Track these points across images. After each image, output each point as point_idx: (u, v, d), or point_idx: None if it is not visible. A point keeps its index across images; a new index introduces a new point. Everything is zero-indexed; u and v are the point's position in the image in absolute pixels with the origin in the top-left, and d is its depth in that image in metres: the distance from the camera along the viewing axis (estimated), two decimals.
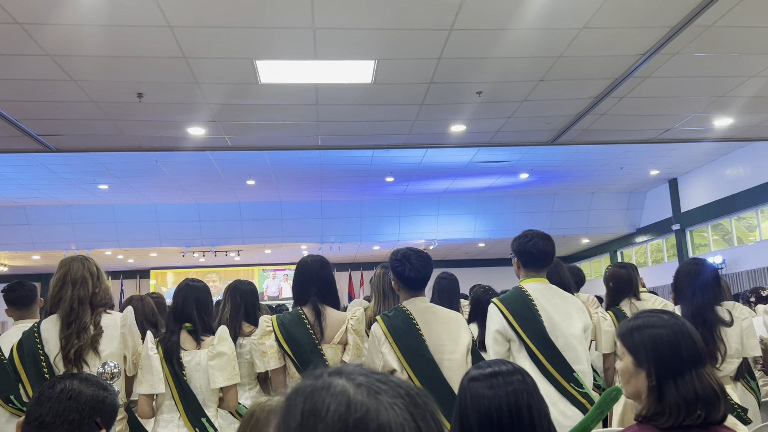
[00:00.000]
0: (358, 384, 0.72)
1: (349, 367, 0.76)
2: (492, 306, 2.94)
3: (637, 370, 1.59)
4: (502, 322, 2.86)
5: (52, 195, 12.38)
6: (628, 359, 1.62)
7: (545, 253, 2.97)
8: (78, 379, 1.57)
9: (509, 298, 2.94)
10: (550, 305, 2.89)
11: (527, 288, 2.95)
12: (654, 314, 1.65)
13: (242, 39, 5.07)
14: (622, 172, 12.73)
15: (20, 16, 4.54)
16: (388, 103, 6.74)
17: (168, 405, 2.79)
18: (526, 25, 5.02)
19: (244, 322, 3.60)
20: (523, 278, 3.03)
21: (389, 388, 0.72)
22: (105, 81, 5.80)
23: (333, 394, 0.70)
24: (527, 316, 2.84)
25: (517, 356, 2.84)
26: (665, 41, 5.34)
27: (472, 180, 12.86)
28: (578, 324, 2.92)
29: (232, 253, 16.49)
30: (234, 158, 10.27)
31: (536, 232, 3.00)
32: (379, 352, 2.68)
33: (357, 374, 0.74)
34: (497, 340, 2.86)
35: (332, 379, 0.73)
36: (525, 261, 3.00)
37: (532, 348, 2.79)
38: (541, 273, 3.02)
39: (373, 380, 0.73)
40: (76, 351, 2.68)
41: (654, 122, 7.79)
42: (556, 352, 2.81)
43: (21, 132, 7.03)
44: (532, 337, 2.81)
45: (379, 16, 4.80)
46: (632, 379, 1.60)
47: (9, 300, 3.55)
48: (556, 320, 2.86)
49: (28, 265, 16.82)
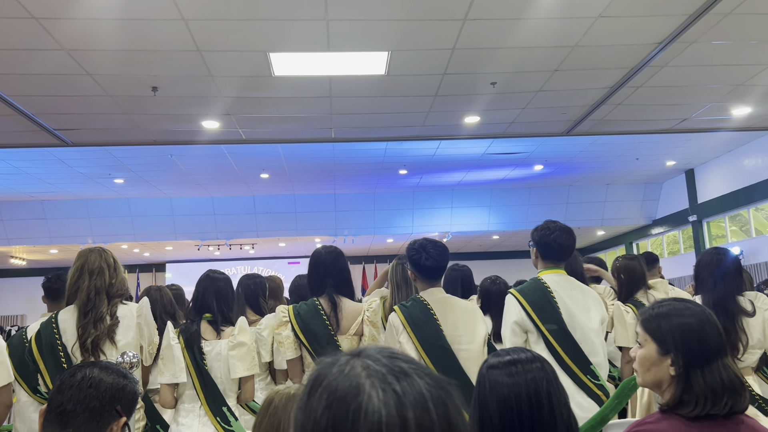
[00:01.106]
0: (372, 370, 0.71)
1: (368, 349, 0.76)
2: (510, 297, 2.93)
3: (661, 358, 1.56)
4: (521, 313, 2.85)
5: (68, 189, 12.49)
6: (652, 346, 1.58)
7: (566, 247, 2.95)
8: (98, 367, 1.58)
9: (528, 289, 2.92)
10: (569, 297, 2.88)
11: (546, 279, 2.93)
12: (679, 302, 1.63)
13: (256, 32, 5.08)
14: (638, 163, 12.61)
15: (37, 11, 4.57)
16: (401, 95, 6.72)
17: (189, 395, 2.82)
18: (540, 15, 4.98)
19: (249, 311, 3.65)
20: (541, 269, 3.02)
21: (388, 373, 0.71)
22: (120, 75, 5.84)
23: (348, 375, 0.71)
24: (546, 307, 2.83)
25: (535, 347, 2.82)
26: (682, 29, 5.26)
27: (486, 172, 12.80)
28: (596, 317, 2.90)
29: (246, 247, 16.58)
30: (248, 152, 10.30)
31: (558, 224, 2.98)
32: (396, 342, 2.68)
33: (371, 353, 0.74)
34: (515, 331, 2.85)
35: (349, 361, 0.73)
36: (544, 253, 2.98)
37: (550, 339, 2.78)
38: (560, 265, 3.00)
39: (370, 362, 0.73)
40: (93, 340, 2.72)
41: (671, 112, 7.71)
42: (574, 344, 2.79)
43: (38, 126, 7.10)
44: (550, 328, 2.79)
45: (393, 7, 4.78)
46: (653, 368, 1.57)
47: (44, 289, 3.63)
48: (574, 312, 2.85)
49: (45, 258, 17.02)
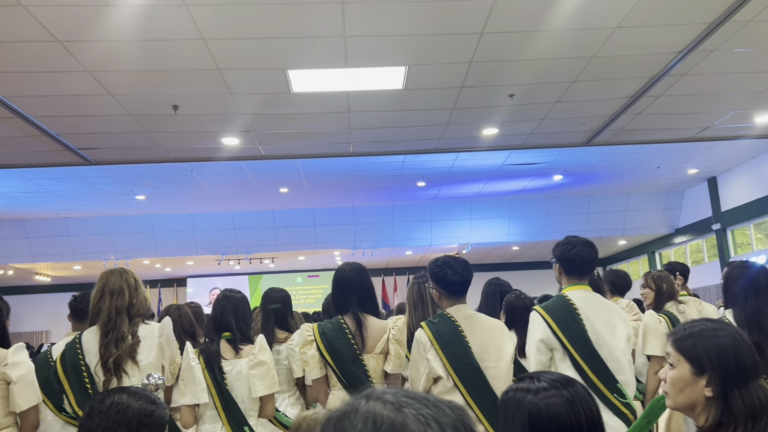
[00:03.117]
0: (385, 402, 0.74)
1: (378, 390, 0.79)
2: (534, 314, 2.89)
3: (696, 378, 1.52)
4: (546, 330, 2.81)
5: (91, 206, 12.66)
6: (685, 367, 1.54)
7: (588, 261, 2.91)
8: (127, 393, 1.59)
9: (552, 306, 2.88)
10: (594, 314, 2.84)
11: (571, 296, 2.89)
12: (711, 322, 1.59)
13: (274, 50, 5.12)
14: (659, 172, 12.47)
15: (61, 34, 4.66)
16: (419, 109, 6.72)
17: (210, 415, 2.82)
18: (558, 27, 4.96)
19: (277, 329, 3.64)
20: (565, 285, 2.98)
21: (416, 402, 0.74)
22: (141, 94, 5.92)
23: (360, 415, 0.73)
24: (571, 324, 2.79)
25: (560, 365, 2.78)
26: (703, 38, 5.21)
27: (504, 183, 12.74)
28: (622, 334, 2.86)
29: (266, 260, 16.65)
30: (267, 167, 10.37)
31: (579, 239, 2.95)
32: (424, 359, 2.66)
33: (386, 394, 0.77)
34: (540, 349, 2.81)
35: (360, 402, 0.76)
36: (568, 268, 2.94)
37: (576, 357, 2.74)
38: (584, 280, 2.96)
39: (399, 397, 0.75)
40: (114, 360, 2.74)
41: (692, 120, 7.62)
42: (600, 361, 2.75)
43: (62, 146, 7.22)
44: (576, 346, 2.75)
45: (410, 23, 4.80)
46: (687, 389, 1.53)
47: (70, 309, 3.67)
48: (599, 330, 2.80)
49: (69, 275, 17.24)
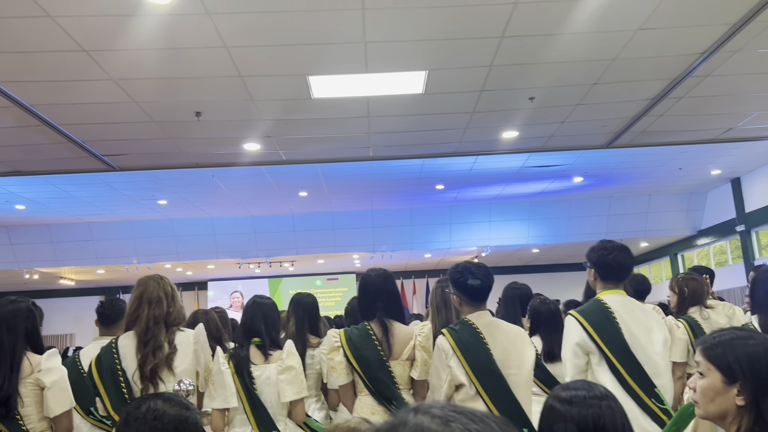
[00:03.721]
0: (433, 416, 0.75)
1: (426, 404, 0.79)
2: (570, 318, 2.89)
3: (727, 387, 1.50)
4: (582, 334, 2.80)
5: (114, 211, 12.84)
6: (716, 376, 1.52)
7: (625, 267, 2.91)
8: (162, 399, 1.63)
9: (588, 311, 2.87)
10: (631, 318, 2.82)
11: (606, 300, 2.88)
12: (740, 330, 1.59)
13: (295, 56, 5.17)
14: (681, 173, 12.33)
15: (87, 44, 4.76)
16: (439, 113, 6.73)
17: (240, 419, 2.86)
18: (578, 29, 4.95)
19: (309, 334, 3.67)
20: (600, 290, 2.97)
21: (463, 416, 0.75)
22: (165, 101, 6.01)
23: (408, 428, 0.74)
24: (608, 329, 2.77)
25: (597, 370, 2.77)
26: (726, 39, 5.16)
27: (524, 185, 12.68)
28: (659, 338, 2.84)
29: (286, 264, 16.74)
30: (287, 171, 10.44)
31: (615, 243, 2.94)
32: (446, 367, 2.67)
33: (434, 408, 0.77)
34: (576, 353, 2.80)
35: (409, 415, 0.77)
36: (603, 274, 2.93)
37: (614, 362, 2.73)
38: (619, 285, 2.96)
39: (447, 411, 0.76)
40: (151, 369, 2.79)
41: (715, 122, 7.53)
42: (638, 366, 2.73)
43: (87, 153, 7.35)
44: (613, 350, 2.74)
45: (430, 27, 4.81)
46: (718, 398, 1.51)
47: (98, 315, 3.76)
48: (636, 333, 2.79)
49: (93, 279, 17.49)
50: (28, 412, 2.86)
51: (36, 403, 2.88)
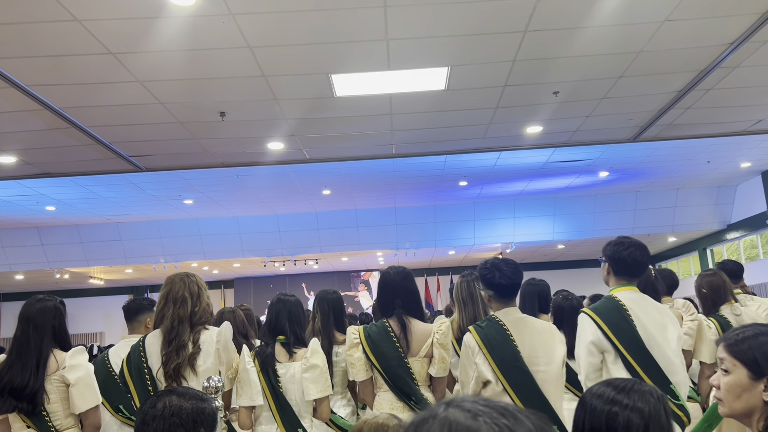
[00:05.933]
0: (463, 409, 0.75)
1: (459, 398, 0.80)
2: (584, 316, 2.86)
3: (753, 383, 1.48)
4: (597, 332, 2.78)
5: (141, 211, 13.03)
6: (742, 372, 1.50)
7: (641, 263, 2.87)
8: (176, 394, 1.65)
9: (602, 308, 2.84)
10: (645, 315, 2.79)
11: (620, 297, 2.85)
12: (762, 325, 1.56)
13: (318, 55, 5.19)
14: (710, 166, 12.10)
15: (114, 47, 4.83)
16: (461, 109, 6.70)
17: (266, 416, 2.89)
18: (603, 22, 4.88)
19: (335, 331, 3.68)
20: (613, 286, 2.94)
21: (493, 411, 0.75)
22: (190, 102, 6.08)
23: (438, 420, 0.75)
24: (623, 326, 2.75)
25: (612, 368, 2.75)
26: (755, 29, 5.05)
27: (548, 180, 12.57)
28: (673, 335, 2.81)
29: (310, 262, 16.83)
30: (310, 169, 10.49)
31: (632, 240, 2.91)
32: (472, 363, 2.66)
33: (465, 402, 0.78)
34: (591, 351, 2.77)
35: (440, 408, 0.77)
36: (617, 269, 2.90)
37: (629, 359, 2.70)
38: (633, 282, 2.92)
39: (478, 405, 0.76)
40: (175, 367, 2.83)
41: (744, 113, 7.38)
42: (653, 362, 2.71)
43: (114, 154, 7.47)
44: (628, 347, 2.71)
45: (452, 24, 4.79)
46: (744, 394, 1.49)
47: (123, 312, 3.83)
48: (650, 330, 2.76)
49: (121, 278, 17.78)
50: (54, 409, 2.92)
51: (62, 399, 2.94)
